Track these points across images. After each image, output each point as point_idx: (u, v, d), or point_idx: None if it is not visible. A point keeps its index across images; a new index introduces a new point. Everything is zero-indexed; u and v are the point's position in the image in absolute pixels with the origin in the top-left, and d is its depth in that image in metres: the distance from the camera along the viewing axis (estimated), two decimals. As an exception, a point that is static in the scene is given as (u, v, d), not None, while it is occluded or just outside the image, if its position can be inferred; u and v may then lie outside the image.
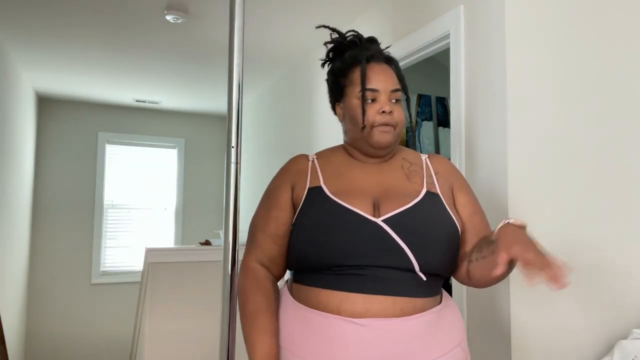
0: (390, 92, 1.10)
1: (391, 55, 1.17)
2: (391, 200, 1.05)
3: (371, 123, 1.09)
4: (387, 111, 1.08)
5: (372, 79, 1.10)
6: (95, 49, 3.29)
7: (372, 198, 1.05)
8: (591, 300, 1.71)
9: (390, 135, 1.09)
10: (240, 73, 1.36)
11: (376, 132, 1.08)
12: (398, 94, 1.11)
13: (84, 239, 4.82)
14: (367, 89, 1.09)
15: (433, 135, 3.38)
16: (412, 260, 0.98)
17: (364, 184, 1.09)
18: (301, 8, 2.63)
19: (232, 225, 1.33)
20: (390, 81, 1.11)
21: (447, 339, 1.00)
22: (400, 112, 1.11)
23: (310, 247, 1.02)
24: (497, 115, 1.66)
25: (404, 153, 1.19)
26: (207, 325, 2.72)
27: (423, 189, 1.09)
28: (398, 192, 1.07)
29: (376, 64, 1.12)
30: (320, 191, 1.08)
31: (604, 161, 1.77)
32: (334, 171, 1.13)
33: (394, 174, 1.12)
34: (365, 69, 1.11)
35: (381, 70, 1.12)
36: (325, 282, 1.00)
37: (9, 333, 3.64)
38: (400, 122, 1.11)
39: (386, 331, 0.94)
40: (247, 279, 1.08)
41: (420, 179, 1.11)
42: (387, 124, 1.08)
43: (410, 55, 2.19)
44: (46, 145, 4.73)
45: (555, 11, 1.73)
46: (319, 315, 0.99)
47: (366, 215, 1.01)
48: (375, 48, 1.16)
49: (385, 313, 0.96)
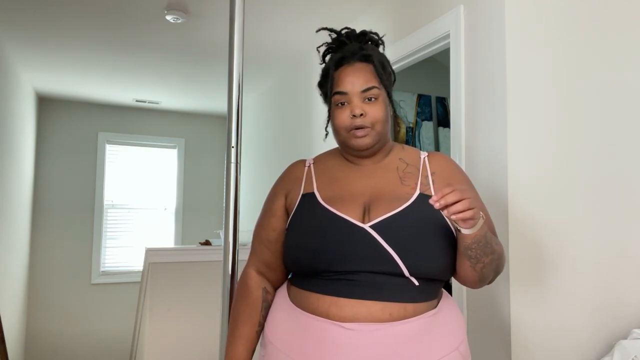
0: (360, 93, 1.07)
1: (368, 53, 1.10)
2: (381, 204, 1.04)
3: (344, 128, 1.07)
4: (357, 114, 1.05)
5: (341, 82, 1.07)
6: (95, 49, 3.29)
7: (363, 202, 1.05)
8: (591, 300, 1.71)
9: (368, 137, 1.06)
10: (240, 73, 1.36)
11: (351, 137, 1.07)
12: (372, 91, 1.07)
13: (84, 239, 4.82)
14: (335, 93, 1.08)
15: (433, 135, 3.38)
16: (400, 265, 0.97)
17: (356, 188, 1.09)
18: (301, 8, 2.63)
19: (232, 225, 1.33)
20: (359, 82, 1.06)
21: (443, 343, 0.98)
22: (377, 110, 1.06)
23: (301, 253, 1.04)
24: (497, 115, 1.66)
25: (402, 152, 1.16)
26: (207, 325, 2.72)
27: (416, 192, 1.06)
28: (389, 195, 1.05)
29: (348, 66, 1.09)
30: (312, 197, 1.09)
31: (604, 160, 1.77)
32: (329, 176, 1.13)
33: (388, 176, 1.10)
34: (334, 74, 1.09)
35: (352, 71, 1.08)
36: (316, 286, 1.01)
37: (9, 333, 3.64)
38: (378, 121, 1.07)
39: (374, 336, 0.94)
40: (239, 287, 1.16)
41: (413, 181, 1.09)
42: (360, 127, 1.06)
43: (410, 55, 2.19)
44: (46, 145, 4.73)
45: (555, 11, 1.73)
46: (310, 318, 1.00)
47: (354, 221, 1.01)
48: (350, 48, 1.12)
49: (373, 318, 0.95)
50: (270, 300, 1.14)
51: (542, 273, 1.63)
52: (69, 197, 4.78)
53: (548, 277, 1.64)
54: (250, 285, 1.14)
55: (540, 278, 1.63)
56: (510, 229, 1.59)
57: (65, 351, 4.66)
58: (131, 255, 5.03)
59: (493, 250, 1.00)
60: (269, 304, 1.14)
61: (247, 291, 1.13)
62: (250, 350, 1.11)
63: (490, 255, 1.00)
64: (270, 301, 1.14)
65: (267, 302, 1.13)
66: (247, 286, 1.14)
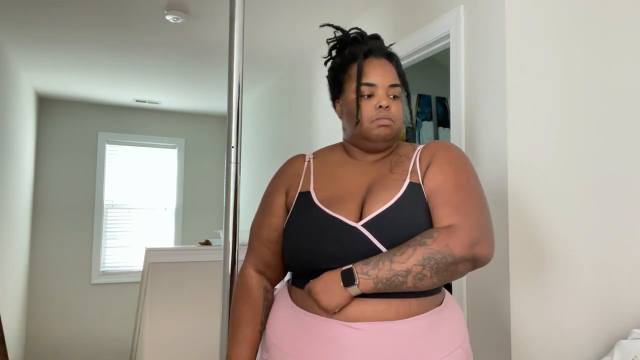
0: (388, 87, 1.08)
1: (392, 51, 1.14)
2: (374, 198, 1.03)
3: (368, 118, 1.07)
4: (383, 106, 1.05)
5: (369, 74, 1.08)
6: (95, 49, 3.29)
7: (359, 200, 1.04)
8: (591, 300, 1.71)
9: (389, 128, 1.07)
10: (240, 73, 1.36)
11: (374, 126, 1.06)
12: (397, 89, 1.09)
13: (84, 239, 4.82)
14: (363, 84, 1.07)
15: (433, 135, 3.38)
16: None
17: (354, 185, 1.08)
18: (301, 9, 2.63)
19: (232, 225, 1.33)
20: (389, 76, 1.08)
21: (448, 340, 0.99)
22: (399, 108, 1.09)
23: (297, 254, 1.03)
24: (497, 115, 1.66)
25: (399, 149, 1.15)
26: (207, 325, 2.72)
27: (406, 181, 1.05)
28: (379, 188, 1.04)
29: (375, 59, 1.10)
30: (308, 197, 1.08)
31: (604, 160, 1.77)
32: (328, 173, 1.12)
33: (381, 170, 1.10)
34: (362, 63, 1.09)
35: (379, 65, 1.09)
36: None
37: (9, 333, 3.64)
38: (399, 119, 1.08)
39: (382, 335, 0.93)
40: (238, 287, 1.14)
41: (402, 169, 1.08)
42: (384, 118, 1.06)
43: (410, 55, 2.19)
44: (46, 145, 4.73)
45: (554, 10, 1.73)
46: (314, 318, 0.99)
47: (347, 221, 1.00)
48: (376, 44, 1.13)
49: (380, 316, 0.95)
50: (270, 299, 1.14)
51: (542, 272, 1.63)
52: (69, 197, 4.78)
53: (548, 277, 1.64)
54: (251, 285, 1.12)
55: (540, 277, 1.63)
56: (510, 228, 1.59)
57: (65, 351, 4.66)
58: (131, 255, 5.03)
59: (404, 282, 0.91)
60: (270, 303, 1.13)
61: (248, 291, 1.12)
62: (254, 351, 1.10)
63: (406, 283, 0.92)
64: (271, 300, 1.14)
65: (268, 301, 1.13)
66: (247, 286, 1.13)
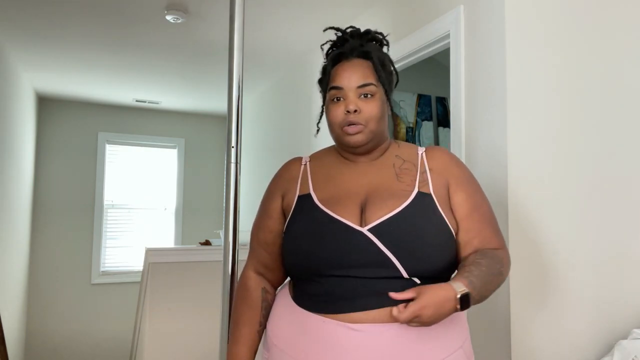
0: (356, 89, 1.05)
1: (369, 49, 1.09)
2: (378, 204, 1.02)
3: (338, 124, 1.06)
4: (351, 110, 1.03)
5: (337, 77, 1.06)
6: (95, 49, 3.29)
7: (359, 202, 1.03)
8: (591, 300, 1.71)
9: (361, 135, 1.05)
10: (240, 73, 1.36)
11: (344, 133, 1.06)
12: (369, 88, 1.05)
13: (84, 239, 4.82)
14: (330, 88, 1.07)
15: (433, 135, 3.38)
16: (400, 269, 0.96)
17: (352, 187, 1.07)
18: (301, 9, 2.63)
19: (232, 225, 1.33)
20: (356, 77, 1.05)
21: (449, 341, 0.98)
22: (372, 107, 1.05)
23: (298, 257, 1.03)
24: (497, 115, 1.66)
25: (397, 149, 1.14)
26: (207, 325, 2.72)
27: (414, 190, 1.04)
28: (385, 194, 1.03)
29: (346, 62, 1.08)
30: (309, 199, 1.07)
31: (604, 160, 1.77)
32: (325, 175, 1.12)
33: (383, 174, 1.08)
34: (331, 69, 1.09)
35: (349, 66, 1.07)
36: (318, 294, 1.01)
37: (9, 333, 3.64)
38: (373, 119, 1.05)
39: (382, 336, 0.93)
40: (238, 289, 1.17)
41: (411, 178, 1.06)
42: (353, 124, 1.04)
43: (410, 55, 2.19)
44: (46, 145, 4.73)
45: (554, 11, 1.73)
46: (314, 319, 0.99)
47: (352, 224, 0.99)
48: (352, 44, 1.10)
49: (381, 319, 0.95)
50: (270, 300, 1.14)
51: (542, 273, 1.63)
52: (69, 197, 4.78)
53: (548, 277, 1.64)
54: (250, 286, 1.14)
55: (540, 278, 1.63)
56: (510, 228, 1.59)
57: (65, 351, 4.66)
58: (131, 255, 5.03)
59: (492, 290, 1.00)
60: (269, 304, 1.14)
61: (247, 292, 1.13)
62: (252, 351, 1.11)
63: (490, 292, 1.00)
64: (270, 301, 1.14)
65: (267, 302, 1.13)
66: (246, 287, 1.14)
